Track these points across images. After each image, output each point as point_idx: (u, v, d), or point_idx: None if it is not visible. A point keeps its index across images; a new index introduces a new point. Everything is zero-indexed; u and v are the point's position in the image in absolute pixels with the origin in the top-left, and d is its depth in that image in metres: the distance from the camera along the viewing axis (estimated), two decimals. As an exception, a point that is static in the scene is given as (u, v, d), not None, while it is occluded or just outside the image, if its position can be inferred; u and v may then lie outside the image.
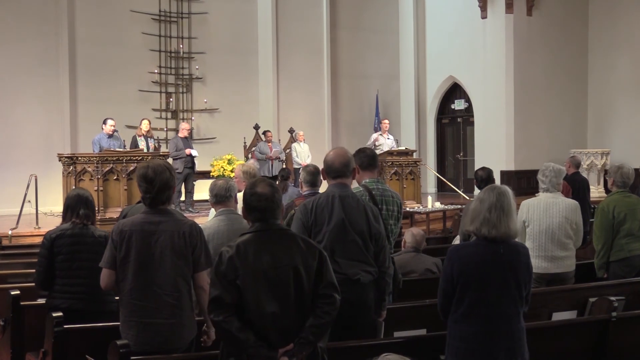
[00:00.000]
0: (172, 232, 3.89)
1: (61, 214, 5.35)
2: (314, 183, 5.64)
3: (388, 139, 14.37)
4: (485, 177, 6.89)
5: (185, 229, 3.92)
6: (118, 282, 3.95)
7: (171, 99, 16.01)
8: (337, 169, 4.44)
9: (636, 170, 7.07)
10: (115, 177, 11.09)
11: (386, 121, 14.73)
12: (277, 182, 9.46)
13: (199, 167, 13.37)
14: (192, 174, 12.91)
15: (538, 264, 5.76)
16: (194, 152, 12.69)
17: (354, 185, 5.22)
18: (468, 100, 17.98)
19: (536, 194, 6.19)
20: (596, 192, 14.78)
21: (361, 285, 4.21)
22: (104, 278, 4.00)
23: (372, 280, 4.32)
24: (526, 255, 3.77)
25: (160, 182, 3.93)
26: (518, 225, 3.82)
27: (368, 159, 5.11)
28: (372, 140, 14.05)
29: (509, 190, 3.79)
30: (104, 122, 11.65)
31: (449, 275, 3.70)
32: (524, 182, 15.36)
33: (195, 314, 4.87)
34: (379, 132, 14.52)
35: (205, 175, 13.61)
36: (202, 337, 4.09)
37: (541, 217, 5.84)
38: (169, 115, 16.01)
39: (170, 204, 4.05)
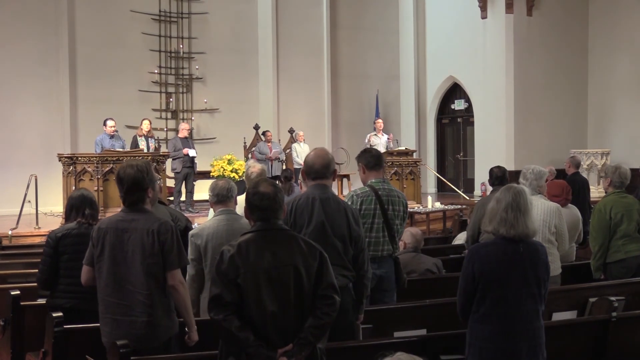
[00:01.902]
0: (142, 230, 3.92)
1: (61, 214, 5.35)
2: (312, 183, 5.64)
3: (388, 138, 14.33)
4: (500, 175, 6.90)
5: (154, 227, 3.93)
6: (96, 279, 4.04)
7: (171, 99, 16.02)
8: (317, 171, 4.39)
9: (636, 170, 7.06)
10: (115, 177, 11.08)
11: (379, 120, 14.61)
12: (280, 183, 9.43)
13: (199, 167, 13.37)
14: (191, 174, 12.90)
15: None
16: (191, 152, 12.68)
17: (359, 185, 5.23)
18: (468, 100, 17.98)
19: None
20: (596, 192, 14.77)
21: None
22: (83, 275, 4.12)
23: (348, 284, 4.28)
24: (545, 254, 3.82)
25: (128, 182, 3.97)
26: (536, 224, 3.85)
27: (374, 159, 5.11)
28: (367, 141, 13.81)
29: (525, 189, 3.83)
30: (104, 123, 11.65)
31: (470, 275, 3.71)
32: (524, 182, 15.33)
33: (193, 313, 4.89)
34: (374, 132, 14.31)
35: (205, 175, 13.60)
36: (185, 337, 4.10)
37: None
38: (169, 115, 16.01)
39: (147, 204, 4.05)
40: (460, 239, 8.26)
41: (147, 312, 3.90)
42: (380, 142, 13.85)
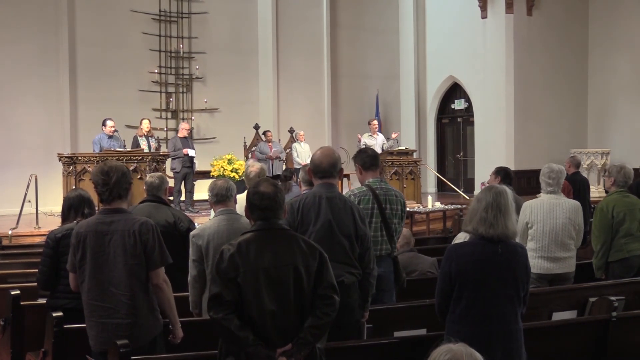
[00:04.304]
0: (122, 232, 3.93)
1: (60, 214, 5.34)
2: (311, 182, 5.64)
3: (389, 138, 14.30)
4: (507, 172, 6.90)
5: (135, 228, 3.94)
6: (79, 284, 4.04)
7: (171, 99, 16.01)
8: (324, 170, 4.41)
9: (636, 170, 7.07)
10: (115, 177, 11.04)
11: (374, 121, 14.50)
12: (280, 182, 9.43)
13: (199, 167, 13.36)
14: (191, 174, 12.90)
15: (541, 265, 5.77)
16: (191, 152, 12.67)
17: (357, 184, 5.23)
18: (468, 100, 17.98)
19: (537, 195, 6.17)
20: (596, 192, 14.77)
21: (345, 286, 4.14)
22: (71, 282, 4.13)
23: (355, 282, 4.30)
24: (524, 256, 3.77)
25: (117, 174, 3.98)
26: (519, 225, 3.81)
27: (370, 159, 5.12)
28: (362, 142, 13.45)
29: (507, 190, 3.79)
30: (104, 123, 11.63)
31: (447, 275, 3.68)
32: (524, 182, 15.36)
33: (196, 314, 4.89)
34: (368, 133, 14.06)
35: (205, 175, 13.60)
36: (169, 336, 4.11)
37: (545, 218, 5.81)
38: (169, 115, 16.01)
39: (125, 203, 4.06)
40: (460, 238, 8.23)
41: (132, 314, 3.91)
42: (376, 143, 13.69)
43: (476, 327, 3.61)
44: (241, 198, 5.68)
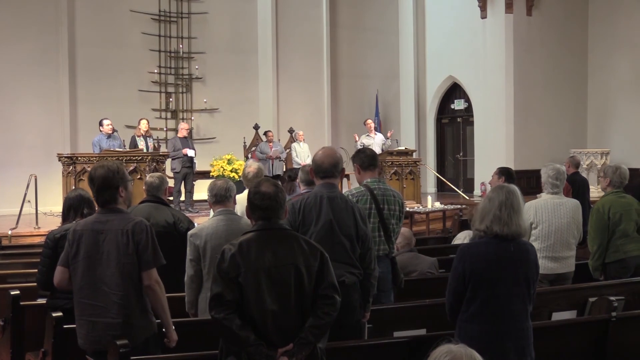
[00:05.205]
0: (116, 231, 3.93)
1: (60, 214, 5.34)
2: (311, 182, 5.63)
3: (388, 136, 14.30)
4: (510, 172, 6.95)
5: (128, 227, 3.93)
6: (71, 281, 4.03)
7: (171, 99, 16.02)
8: (326, 170, 4.41)
9: (636, 170, 7.06)
10: (115, 177, 11.03)
11: (369, 121, 14.51)
12: (284, 182, 9.42)
13: (199, 167, 13.37)
14: (191, 174, 12.90)
15: (544, 265, 5.76)
16: (190, 152, 12.67)
17: (357, 184, 5.23)
18: (468, 100, 17.98)
19: (538, 195, 6.17)
20: (596, 192, 14.76)
21: (345, 286, 4.14)
22: (56, 275, 4.10)
23: (356, 282, 4.30)
24: (534, 254, 3.81)
25: (98, 181, 3.97)
26: (527, 224, 3.85)
27: (368, 159, 5.11)
28: (359, 143, 13.44)
29: (517, 189, 3.82)
30: (100, 123, 11.62)
31: (460, 274, 3.69)
32: (524, 182, 15.34)
33: (192, 314, 4.88)
34: (365, 134, 14.09)
35: (205, 175, 13.61)
36: (164, 339, 4.08)
37: (550, 218, 5.83)
38: (169, 115, 16.02)
39: (120, 204, 4.05)
40: (460, 238, 8.26)
41: (123, 313, 3.89)
42: (374, 142, 13.70)
43: (489, 325, 3.64)
44: (241, 198, 5.68)
